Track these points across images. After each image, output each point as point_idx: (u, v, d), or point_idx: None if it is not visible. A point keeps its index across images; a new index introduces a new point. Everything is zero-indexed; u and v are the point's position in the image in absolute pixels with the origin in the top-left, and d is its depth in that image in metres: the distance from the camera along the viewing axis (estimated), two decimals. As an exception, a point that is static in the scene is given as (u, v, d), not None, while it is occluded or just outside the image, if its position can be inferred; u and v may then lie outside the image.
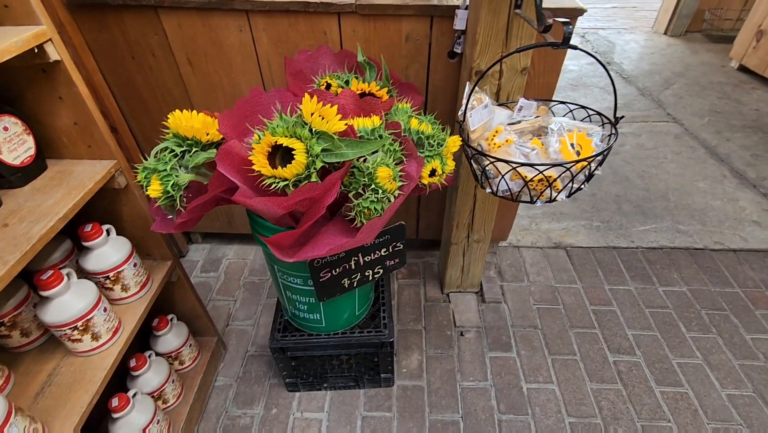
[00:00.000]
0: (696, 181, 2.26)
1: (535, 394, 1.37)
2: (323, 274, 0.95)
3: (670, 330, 1.55)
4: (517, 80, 1.09)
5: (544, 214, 2.06)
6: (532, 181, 0.83)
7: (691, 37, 4.00)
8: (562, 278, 1.74)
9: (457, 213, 1.39)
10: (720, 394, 1.36)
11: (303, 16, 1.17)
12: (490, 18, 0.98)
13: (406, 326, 1.57)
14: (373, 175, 0.74)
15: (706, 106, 2.92)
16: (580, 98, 3.02)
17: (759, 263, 1.80)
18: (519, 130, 0.93)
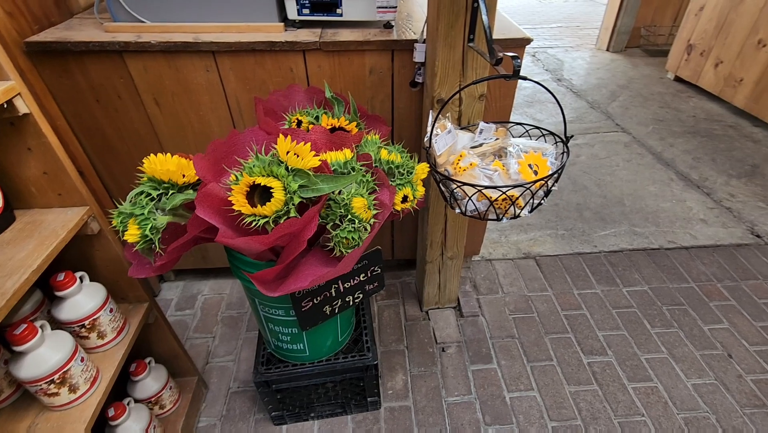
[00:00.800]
0: (647, 186, 2.42)
1: (517, 402, 1.41)
2: (305, 303, 0.96)
3: (637, 328, 1.64)
4: (475, 106, 1.16)
5: (512, 226, 2.15)
6: (497, 200, 0.89)
7: (630, 52, 4.32)
8: (534, 287, 1.82)
9: (430, 233, 1.44)
10: (686, 384, 1.45)
11: (269, 54, 1.22)
12: (447, 51, 1.05)
13: (389, 347, 1.58)
14: (349, 206, 0.77)
15: (650, 115, 3.15)
16: (536, 114, 3.19)
17: (708, 258, 1.95)
18: (481, 153, 0.99)
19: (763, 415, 1.37)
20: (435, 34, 1.05)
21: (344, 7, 1.22)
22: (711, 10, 3.21)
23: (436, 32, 1.03)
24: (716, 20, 3.16)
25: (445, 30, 1.02)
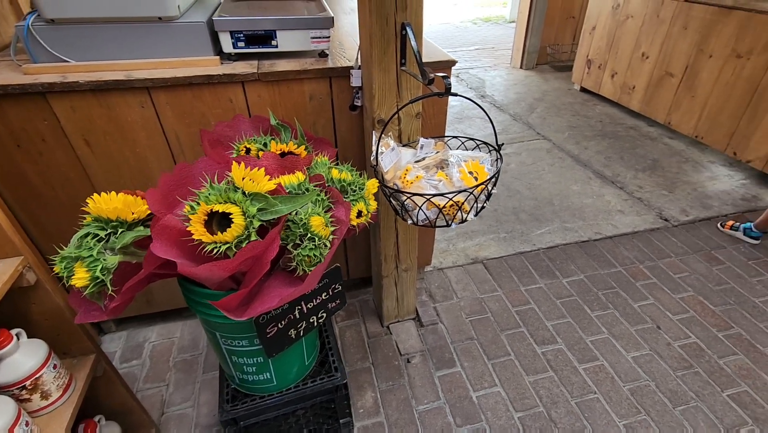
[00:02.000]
0: (570, 185, 2.68)
1: (484, 400, 1.47)
2: (269, 329, 0.96)
3: (579, 314, 1.79)
4: (413, 124, 1.25)
5: (458, 235, 2.26)
6: (445, 207, 0.96)
7: (541, 68, 4.79)
8: (485, 289, 1.92)
9: (383, 247, 1.49)
10: (627, 358, 1.60)
11: (207, 87, 1.22)
12: (382, 75, 1.13)
13: (355, 366, 1.59)
14: (308, 225, 0.80)
15: (564, 123, 3.50)
16: (466, 129, 3.42)
17: (629, 244, 2.18)
18: (425, 165, 1.07)
19: (692, 375, 1.54)
20: (369, 60, 1.12)
21: (279, 39, 1.26)
22: (601, 29, 3.67)
23: (371, 58, 1.11)
24: (607, 38, 3.62)
25: (379, 56, 1.09)
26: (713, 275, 1.99)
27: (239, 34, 1.21)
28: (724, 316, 1.77)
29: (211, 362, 1.60)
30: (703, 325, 1.73)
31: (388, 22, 1.06)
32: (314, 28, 1.26)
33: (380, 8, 1.03)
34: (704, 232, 2.26)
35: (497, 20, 7.46)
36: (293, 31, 1.26)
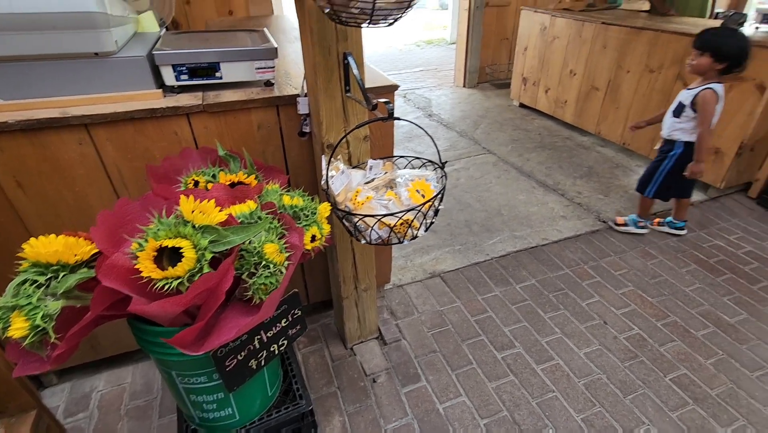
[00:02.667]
0: (517, 195, 2.83)
1: (450, 411, 1.50)
2: (229, 362, 0.94)
3: (534, 318, 1.88)
4: (362, 146, 1.29)
5: (415, 250, 2.32)
6: (396, 225, 1.00)
7: (482, 86, 5.06)
8: (444, 301, 1.97)
9: (341, 269, 1.50)
10: (580, 355, 1.70)
11: (150, 121, 1.21)
12: (328, 102, 1.17)
13: (320, 392, 1.57)
14: (262, 253, 0.81)
15: (507, 137, 3.71)
16: (415, 147, 3.53)
17: (574, 246, 2.33)
18: (374, 186, 1.11)
19: (638, 364, 1.66)
20: (315, 88, 1.16)
21: (223, 71, 1.27)
22: (532, 50, 3.97)
23: (316, 87, 1.14)
24: (538, 57, 3.91)
25: (323, 84, 1.14)
26: (648, 269, 2.16)
27: (182, 67, 1.22)
28: (661, 306, 1.93)
29: (167, 405, 1.52)
30: (644, 316, 1.87)
31: (330, 52, 1.10)
32: (258, 59, 1.29)
33: (322, 40, 1.08)
34: (637, 230, 2.46)
35: (439, 42, 7.83)
36: (237, 62, 1.28)
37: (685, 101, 2.00)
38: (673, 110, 2.07)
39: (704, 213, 2.61)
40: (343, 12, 0.84)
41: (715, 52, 1.85)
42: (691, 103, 1.98)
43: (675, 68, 2.74)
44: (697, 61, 1.91)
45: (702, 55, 1.89)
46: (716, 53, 1.85)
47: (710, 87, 1.91)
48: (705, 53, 1.88)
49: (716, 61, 1.86)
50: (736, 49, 1.84)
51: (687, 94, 2.01)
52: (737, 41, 1.85)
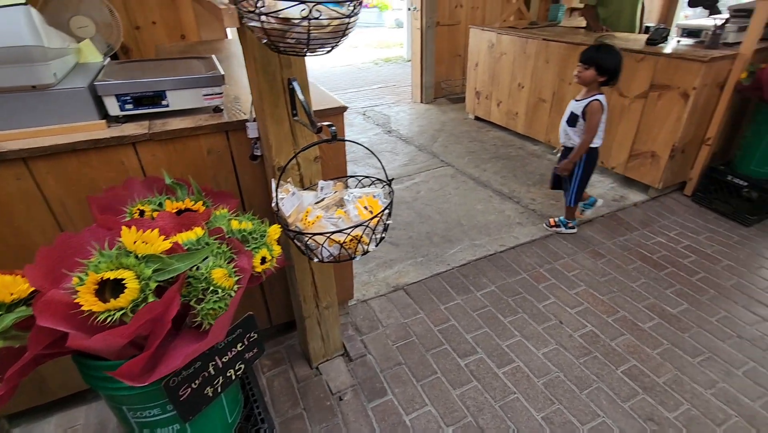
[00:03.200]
0: (475, 205, 2.93)
1: (416, 421, 1.52)
2: (182, 392, 0.93)
3: (494, 323, 1.94)
4: (313, 168, 1.32)
5: (378, 265, 2.35)
6: (346, 242, 1.03)
7: (439, 101, 5.23)
8: (408, 313, 2.01)
9: (301, 289, 1.51)
10: (539, 356, 1.77)
11: (94, 152, 1.19)
12: (276, 126, 1.20)
13: (286, 415, 1.55)
14: (210, 279, 0.82)
15: (464, 149, 3.84)
16: (376, 163, 3.59)
17: (530, 251, 2.43)
18: (324, 206, 1.14)
19: (592, 359, 1.74)
20: (262, 113, 1.19)
21: (170, 99, 1.28)
22: (483, 65, 4.16)
23: (263, 112, 1.17)
24: (488, 72, 4.10)
25: (270, 109, 1.17)
26: (599, 268, 2.28)
27: (125, 96, 1.21)
28: (611, 303, 2.04)
29: (125, 443, 1.46)
30: (596, 314, 1.98)
31: (275, 79, 1.14)
32: (205, 86, 1.30)
33: (266, 67, 1.11)
34: (588, 232, 2.60)
35: (396, 60, 8.04)
36: (184, 90, 1.29)
37: (577, 111, 2.21)
38: (567, 120, 2.27)
39: (646, 212, 2.80)
40: (280, 42, 0.88)
41: (598, 66, 2.08)
42: (582, 112, 2.19)
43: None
44: (583, 73, 2.12)
45: (587, 69, 2.11)
46: (599, 67, 2.08)
47: (597, 98, 2.14)
48: (590, 67, 2.10)
49: (599, 74, 2.10)
50: (614, 64, 2.09)
51: (577, 104, 2.22)
52: (614, 58, 2.09)
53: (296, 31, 0.85)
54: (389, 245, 2.52)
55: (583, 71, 2.13)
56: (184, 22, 3.18)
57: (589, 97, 2.17)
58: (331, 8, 0.85)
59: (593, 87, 2.18)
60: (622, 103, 2.91)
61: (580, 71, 2.14)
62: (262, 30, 0.86)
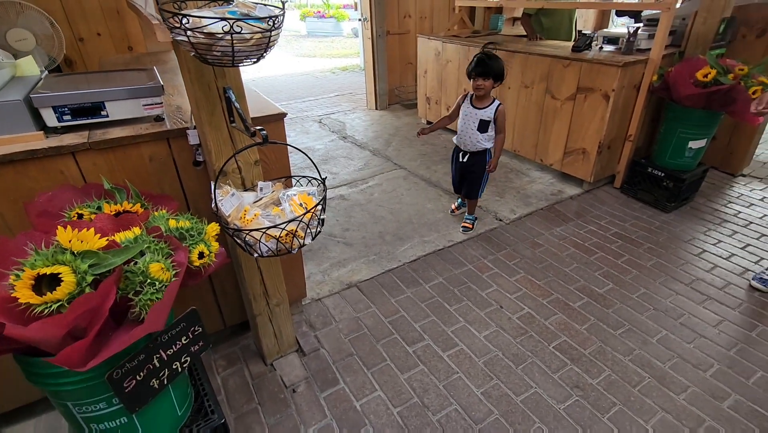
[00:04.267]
0: (425, 204, 3.08)
1: (367, 406, 1.61)
2: (127, 383, 0.98)
3: (441, 311, 2.07)
4: (254, 170, 1.40)
5: (332, 265, 2.43)
6: (281, 236, 1.12)
7: (393, 108, 5.40)
8: (360, 308, 2.11)
9: (250, 287, 1.57)
10: (480, 338, 1.91)
11: (32, 162, 1.22)
12: (215, 132, 1.27)
13: (240, 410, 1.61)
14: (147, 273, 0.88)
15: (416, 152, 4.00)
16: (331, 168, 3.69)
17: (476, 245, 2.59)
18: (262, 204, 1.22)
19: (528, 338, 1.90)
20: (200, 120, 1.26)
21: (109, 109, 1.33)
22: (431, 72, 4.35)
23: (201, 119, 1.25)
24: (437, 79, 4.30)
25: (207, 117, 1.24)
26: (537, 256, 2.47)
27: (63, 108, 1.25)
28: (546, 287, 2.22)
29: (77, 451, 1.47)
30: (532, 297, 2.15)
31: (210, 88, 1.21)
32: (144, 96, 1.36)
33: (200, 77, 1.19)
34: (528, 224, 2.80)
35: (353, 69, 8.18)
36: (123, 100, 1.34)
37: (488, 117, 2.38)
38: (478, 128, 2.41)
39: (580, 204, 3.04)
40: (208, 55, 0.97)
41: (495, 76, 2.29)
42: (494, 117, 2.38)
43: (543, 84, 3.19)
44: (485, 84, 2.30)
45: (486, 80, 2.29)
46: (496, 76, 2.29)
47: (500, 103, 2.38)
48: (488, 78, 2.29)
49: (495, 82, 2.31)
50: (502, 69, 2.30)
51: (483, 112, 2.38)
52: (501, 64, 2.30)
53: (221, 44, 0.94)
54: (343, 245, 2.61)
55: (483, 83, 2.30)
56: (131, 34, 3.17)
57: (491, 103, 2.38)
58: (252, 24, 0.94)
59: (489, 93, 2.39)
60: (554, 105, 3.16)
61: (481, 84, 2.30)
62: (190, 44, 0.94)
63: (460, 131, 2.50)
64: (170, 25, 0.94)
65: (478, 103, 2.41)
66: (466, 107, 2.45)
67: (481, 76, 2.29)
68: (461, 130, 2.49)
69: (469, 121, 2.43)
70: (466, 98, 2.48)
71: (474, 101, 2.43)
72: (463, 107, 2.47)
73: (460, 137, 2.52)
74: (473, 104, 2.42)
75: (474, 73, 2.30)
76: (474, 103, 2.42)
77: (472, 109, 2.41)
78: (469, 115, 2.43)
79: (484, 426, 1.53)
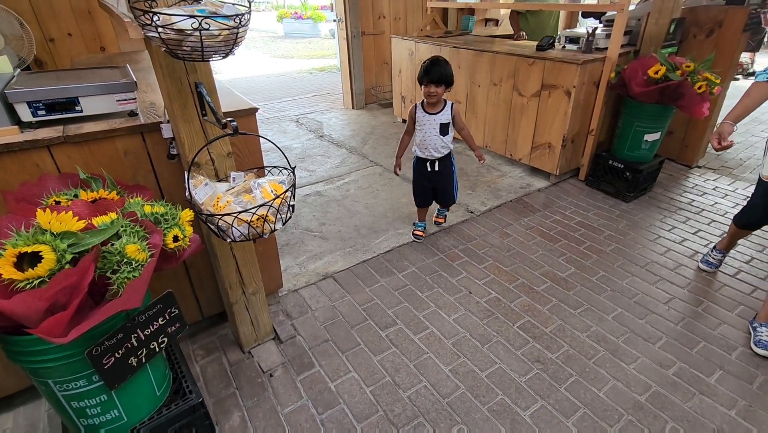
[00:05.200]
0: (400, 198, 3.17)
1: (341, 386, 1.69)
2: (106, 360, 1.04)
3: (413, 298, 2.17)
4: (227, 162, 1.47)
5: (309, 258, 2.51)
6: (253, 221, 1.19)
7: (370, 107, 5.49)
8: (336, 297, 2.18)
9: (226, 276, 1.64)
10: (449, 321, 2.01)
11: (7, 156, 1.26)
12: (187, 126, 1.34)
13: (219, 395, 1.66)
14: (124, 253, 0.95)
15: (392, 149, 4.09)
16: (308, 166, 3.75)
17: (448, 236, 2.70)
18: (234, 192, 1.30)
19: (494, 319, 2.02)
20: (173, 114, 1.32)
21: (83, 104, 1.38)
22: (405, 71, 4.46)
23: (174, 113, 1.31)
24: (411, 78, 4.41)
25: (180, 110, 1.30)
26: (505, 245, 2.60)
27: (37, 103, 1.30)
28: (513, 273, 2.34)
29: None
30: (500, 282, 2.27)
31: (182, 83, 1.28)
32: (118, 92, 1.41)
33: (172, 72, 1.25)
34: (497, 215, 2.93)
35: (331, 69, 8.24)
36: (97, 96, 1.39)
37: (446, 120, 2.37)
38: (440, 132, 2.38)
39: (547, 196, 3.19)
40: (178, 50, 1.04)
41: (447, 82, 2.27)
42: (452, 118, 2.39)
43: (511, 81, 3.33)
44: (438, 91, 2.27)
45: (439, 87, 2.25)
46: (448, 82, 2.28)
47: (452, 102, 2.41)
48: (441, 85, 2.25)
49: (447, 88, 2.30)
50: (452, 74, 2.30)
51: (441, 116, 2.36)
52: (450, 68, 2.28)
53: (190, 40, 1.01)
54: (319, 239, 2.69)
55: (436, 90, 2.26)
56: (102, 34, 3.16)
57: (444, 106, 2.37)
58: (220, 21, 1.02)
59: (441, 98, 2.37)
60: (522, 102, 3.31)
61: (434, 91, 2.26)
62: (161, 40, 1.01)
63: (423, 141, 2.44)
64: (142, 22, 1.01)
65: (432, 109, 2.38)
66: (421, 117, 2.40)
67: (433, 82, 2.25)
68: (423, 140, 2.43)
69: (429, 129, 2.39)
70: (417, 109, 2.42)
71: (427, 108, 2.39)
72: (419, 118, 2.42)
73: (423, 148, 2.46)
74: (427, 111, 2.39)
75: (426, 80, 2.26)
76: (428, 110, 2.39)
77: (429, 116, 2.38)
78: (428, 123, 2.39)
79: (452, 399, 1.63)
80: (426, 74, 2.25)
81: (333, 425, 1.55)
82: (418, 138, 2.47)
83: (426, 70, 2.25)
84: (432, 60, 2.26)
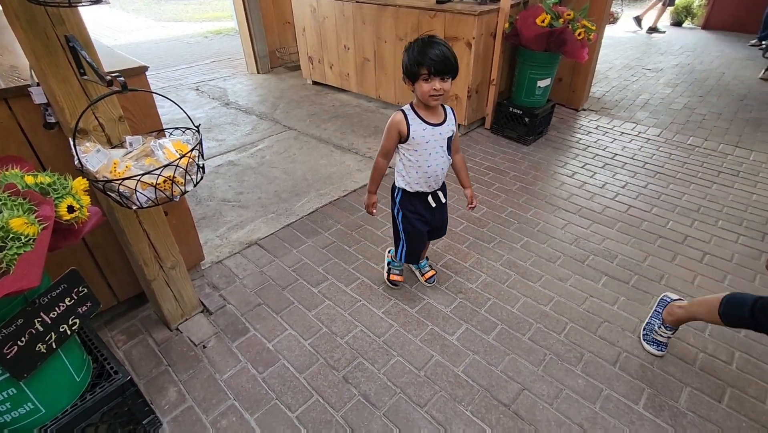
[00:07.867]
0: (318, 160, 3.14)
1: (279, 344, 1.72)
2: (7, 350, 0.95)
3: (341, 253, 2.22)
4: (119, 127, 1.34)
5: (229, 228, 2.41)
6: (159, 183, 1.12)
7: (277, 70, 5.23)
8: (263, 262, 2.16)
9: (139, 252, 1.53)
10: (378, 270, 2.10)
11: None
12: (63, 87, 1.18)
13: (150, 375, 1.60)
14: (8, 228, 0.85)
15: (304, 112, 3.99)
16: (217, 135, 3.53)
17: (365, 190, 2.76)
18: (134, 156, 1.20)
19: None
20: (43, 75, 1.16)
21: None
22: (309, 30, 4.29)
23: (44, 73, 1.15)
24: (316, 37, 4.26)
25: (51, 70, 1.15)
26: (423, 194, 2.73)
27: None
28: (433, 218, 2.49)
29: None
30: (421, 228, 2.40)
31: (48, 37, 1.12)
32: (-34, 52, 1.19)
33: (33, 25, 1.09)
34: (414, 168, 3.04)
35: (228, 32, 7.62)
36: (-63, 57, 1.16)
37: (452, 131, 1.63)
38: (446, 150, 1.66)
39: (458, 145, 3.37)
40: (37, -8, 0.90)
41: (455, 73, 1.47)
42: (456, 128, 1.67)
43: (415, 35, 3.36)
44: (447, 86, 1.46)
45: (446, 80, 1.45)
46: (455, 72, 1.47)
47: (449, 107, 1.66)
48: (448, 77, 1.45)
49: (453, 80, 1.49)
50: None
51: (446, 126, 1.60)
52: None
53: (51, -20, 0.88)
54: (239, 208, 2.59)
55: (442, 86, 1.44)
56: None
57: (446, 112, 1.62)
58: (85, -42, 0.90)
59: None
60: (427, 55, 3.38)
61: (440, 88, 1.44)
62: (12, -20, 0.87)
63: (426, 169, 1.63)
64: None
65: (433, 118, 1.57)
66: (420, 131, 1.55)
67: (440, 74, 1.42)
68: (428, 166, 1.63)
69: (437, 148, 1.61)
70: (409, 118, 1.56)
71: (425, 117, 1.56)
72: (415, 133, 1.55)
73: (431, 177, 1.67)
74: (428, 121, 1.56)
75: (427, 71, 1.42)
76: (427, 120, 1.56)
77: (433, 129, 1.57)
78: (434, 141, 1.58)
79: (387, 337, 1.74)
80: (424, 61, 1.41)
81: (275, 380, 1.58)
82: (413, 165, 1.63)
83: (422, 53, 1.41)
84: (427, 39, 1.44)
